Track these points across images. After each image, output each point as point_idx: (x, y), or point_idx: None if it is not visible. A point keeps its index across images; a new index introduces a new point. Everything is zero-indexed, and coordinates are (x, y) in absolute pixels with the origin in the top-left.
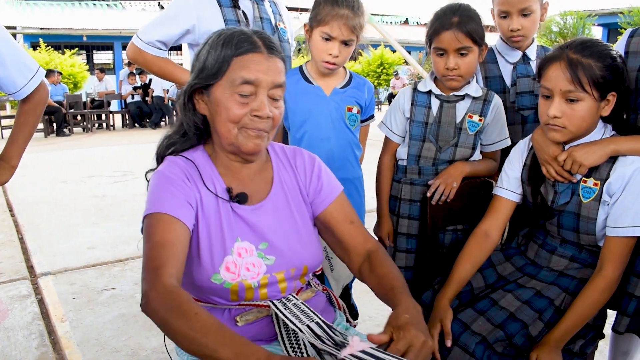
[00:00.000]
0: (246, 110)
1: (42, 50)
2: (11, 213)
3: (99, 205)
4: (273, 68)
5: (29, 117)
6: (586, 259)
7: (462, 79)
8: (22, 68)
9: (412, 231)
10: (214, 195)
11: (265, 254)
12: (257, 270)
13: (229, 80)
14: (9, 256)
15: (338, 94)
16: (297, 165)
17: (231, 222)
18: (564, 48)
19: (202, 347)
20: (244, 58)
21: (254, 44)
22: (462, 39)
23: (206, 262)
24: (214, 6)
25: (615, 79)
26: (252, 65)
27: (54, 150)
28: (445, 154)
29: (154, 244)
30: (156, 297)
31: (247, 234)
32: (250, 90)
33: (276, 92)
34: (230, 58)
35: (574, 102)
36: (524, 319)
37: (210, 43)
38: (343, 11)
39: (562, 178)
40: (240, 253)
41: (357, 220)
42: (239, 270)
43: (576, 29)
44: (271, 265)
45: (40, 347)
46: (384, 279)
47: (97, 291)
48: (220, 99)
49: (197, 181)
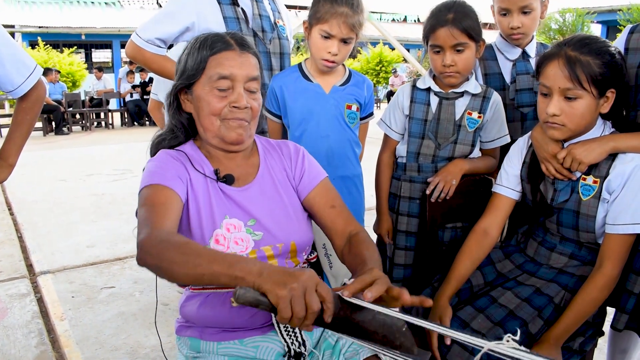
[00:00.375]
0: (225, 103)
1: (41, 49)
2: (10, 212)
3: (98, 204)
4: (246, 63)
5: (27, 115)
6: (586, 257)
7: (459, 76)
8: (19, 66)
9: (411, 229)
10: (202, 175)
11: (253, 230)
12: (245, 245)
13: (207, 77)
14: (8, 255)
15: (337, 92)
16: (283, 153)
17: (220, 200)
18: (562, 45)
19: (197, 267)
20: (219, 56)
21: (226, 43)
22: (457, 35)
23: (196, 234)
24: (213, 4)
25: (614, 75)
26: (225, 62)
27: (52, 149)
28: (444, 151)
29: (148, 207)
30: (149, 241)
31: (235, 211)
32: (227, 84)
33: (252, 85)
34: (206, 58)
35: (573, 99)
36: (524, 317)
37: (189, 47)
38: (342, 9)
39: (562, 176)
40: (229, 229)
41: (340, 204)
42: (228, 243)
43: (575, 26)
44: (258, 241)
45: (40, 345)
46: (357, 257)
47: (96, 289)
48: (201, 95)
49: (187, 165)
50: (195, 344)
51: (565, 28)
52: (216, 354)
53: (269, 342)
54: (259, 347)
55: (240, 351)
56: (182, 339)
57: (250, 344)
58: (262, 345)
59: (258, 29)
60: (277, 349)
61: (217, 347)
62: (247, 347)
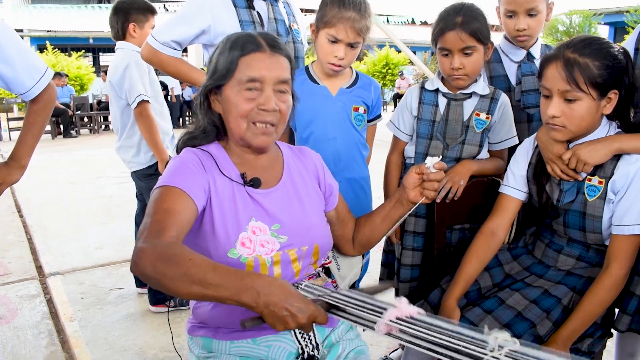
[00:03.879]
0: (253, 105)
1: (49, 53)
2: (20, 214)
3: (106, 206)
4: (277, 65)
5: (38, 117)
6: (593, 258)
7: (468, 78)
8: (30, 69)
9: (418, 229)
10: (229, 180)
11: (278, 234)
12: (270, 247)
13: (237, 79)
14: (17, 256)
15: (344, 94)
16: (306, 161)
17: (246, 204)
18: (562, 47)
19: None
20: (249, 57)
21: (257, 44)
22: (465, 38)
23: (222, 237)
24: (229, 7)
25: (616, 77)
26: (256, 64)
27: (61, 152)
28: (452, 152)
29: (160, 209)
30: (151, 253)
31: (261, 214)
32: (256, 86)
33: (282, 87)
34: (237, 59)
35: (572, 101)
36: (532, 318)
37: (220, 47)
38: (350, 14)
39: (568, 176)
40: (255, 231)
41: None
42: (254, 246)
43: (582, 28)
44: (284, 244)
45: (50, 346)
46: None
47: (106, 291)
48: (230, 96)
49: (213, 168)
50: (208, 343)
51: (572, 30)
52: (228, 354)
53: (281, 341)
54: (272, 347)
55: (253, 350)
56: (195, 338)
57: (262, 343)
58: (275, 344)
59: (273, 33)
60: (290, 349)
61: (229, 346)
62: (260, 346)
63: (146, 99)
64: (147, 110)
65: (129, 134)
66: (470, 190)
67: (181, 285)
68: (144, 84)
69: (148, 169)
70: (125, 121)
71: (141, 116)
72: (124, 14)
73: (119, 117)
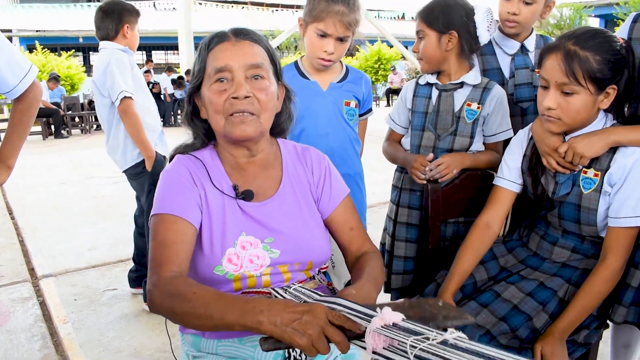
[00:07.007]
0: (225, 97)
1: (39, 53)
2: (11, 216)
3: (98, 206)
4: (242, 51)
5: (24, 116)
6: (588, 250)
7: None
8: (14, 67)
9: (412, 221)
10: (219, 192)
11: (271, 247)
12: (260, 262)
13: (207, 75)
14: (9, 259)
15: (335, 89)
16: (307, 163)
17: (236, 218)
18: (565, 38)
19: (209, 319)
20: (215, 50)
21: (221, 36)
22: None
23: (208, 254)
24: None
25: (616, 72)
26: (220, 54)
27: (52, 153)
28: (444, 142)
29: (156, 244)
30: (158, 293)
31: (253, 228)
32: (226, 76)
33: (254, 72)
34: (205, 56)
35: (569, 94)
36: (528, 311)
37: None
38: (338, 7)
39: (564, 169)
40: (244, 246)
41: (358, 225)
42: (242, 262)
43: (573, 20)
44: (275, 259)
45: (43, 349)
46: (360, 270)
47: (99, 292)
48: (205, 94)
49: (204, 179)
50: (197, 341)
51: (563, 22)
52: (215, 354)
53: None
54: (258, 347)
55: (239, 350)
56: (185, 336)
57: (249, 343)
58: None
59: None
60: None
61: (216, 345)
62: (246, 346)
63: (128, 95)
64: (130, 107)
65: (115, 133)
66: (465, 183)
67: (191, 320)
68: (125, 81)
69: (135, 168)
70: (111, 120)
71: (125, 113)
72: (118, 16)
73: (105, 117)
